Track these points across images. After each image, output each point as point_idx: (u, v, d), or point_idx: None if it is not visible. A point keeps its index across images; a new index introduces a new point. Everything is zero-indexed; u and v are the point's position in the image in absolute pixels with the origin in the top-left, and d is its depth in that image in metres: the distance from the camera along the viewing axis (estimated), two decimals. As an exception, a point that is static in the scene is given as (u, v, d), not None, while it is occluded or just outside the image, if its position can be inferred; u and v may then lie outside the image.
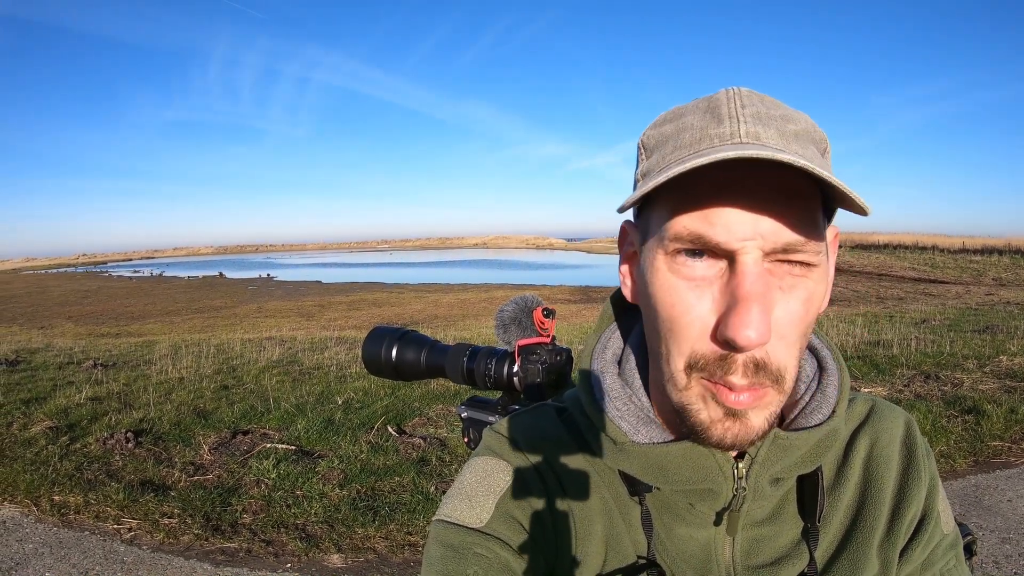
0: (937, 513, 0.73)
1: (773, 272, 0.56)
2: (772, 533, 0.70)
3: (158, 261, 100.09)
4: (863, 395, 0.80)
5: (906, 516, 0.71)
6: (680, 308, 0.58)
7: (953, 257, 33.67)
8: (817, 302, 0.59)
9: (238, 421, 5.74)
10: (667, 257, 0.58)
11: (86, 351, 10.08)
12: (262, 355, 9.06)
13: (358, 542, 3.75)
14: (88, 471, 4.69)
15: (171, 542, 3.80)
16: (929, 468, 0.74)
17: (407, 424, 5.58)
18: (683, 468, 0.65)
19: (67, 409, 6.10)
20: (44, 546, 3.79)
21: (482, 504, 0.70)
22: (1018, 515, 3.84)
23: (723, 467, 0.65)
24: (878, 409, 0.77)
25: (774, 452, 0.64)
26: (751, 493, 0.66)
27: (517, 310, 1.16)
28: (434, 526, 0.72)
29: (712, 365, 0.57)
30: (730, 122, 0.57)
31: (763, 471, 0.65)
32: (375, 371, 1.25)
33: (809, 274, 0.57)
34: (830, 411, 0.67)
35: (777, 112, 0.59)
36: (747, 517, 0.69)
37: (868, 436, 0.75)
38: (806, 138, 0.59)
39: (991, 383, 6.15)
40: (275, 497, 4.25)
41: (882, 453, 0.74)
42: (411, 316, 20.23)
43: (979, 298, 16.75)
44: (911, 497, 0.72)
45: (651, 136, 0.64)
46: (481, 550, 0.67)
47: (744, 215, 0.54)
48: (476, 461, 0.75)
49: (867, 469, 0.73)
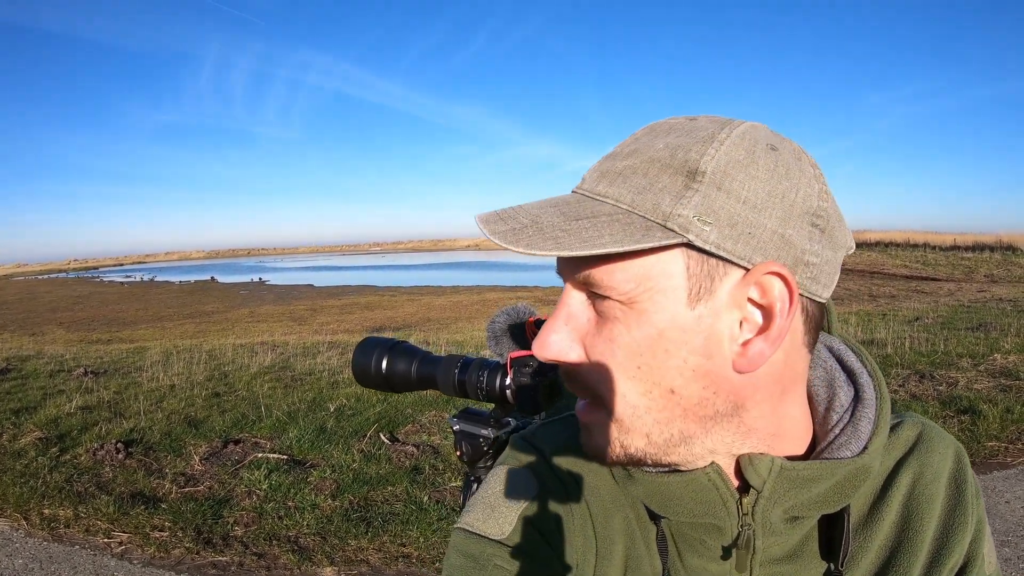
0: (982, 557, 0.67)
1: (594, 305, 0.60)
2: (791, 572, 0.65)
3: (150, 266, 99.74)
4: (912, 417, 0.72)
5: (947, 564, 0.65)
6: None
7: (945, 254, 33.79)
8: (626, 345, 0.57)
9: (229, 430, 5.69)
10: None
11: (77, 358, 10.00)
12: (254, 361, 9.01)
13: (351, 554, 3.71)
14: (78, 483, 4.64)
15: (162, 556, 3.75)
16: (978, 510, 0.68)
17: (400, 431, 5.54)
18: (685, 500, 0.61)
19: (57, 419, 6.04)
20: (34, 561, 3.73)
21: (505, 515, 0.68)
22: (1016, 516, 3.82)
23: (727, 502, 0.61)
24: (927, 437, 0.70)
25: (782, 485, 0.60)
26: (760, 529, 0.62)
27: (508, 321, 1.13)
28: (455, 534, 0.70)
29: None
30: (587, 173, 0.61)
31: (771, 506, 0.60)
32: (365, 382, 1.22)
33: (619, 314, 0.57)
34: (860, 447, 0.61)
35: (625, 149, 0.59)
36: (764, 554, 0.64)
37: (912, 469, 0.68)
38: (653, 167, 0.56)
39: (986, 382, 6.16)
40: (267, 508, 4.20)
41: (926, 490, 0.67)
42: (404, 319, 20.18)
43: (971, 295, 16.80)
44: (954, 543, 0.65)
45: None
46: (501, 562, 0.65)
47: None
48: (501, 471, 0.73)
49: (907, 507, 0.67)
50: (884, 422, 0.63)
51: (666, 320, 0.55)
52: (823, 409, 0.66)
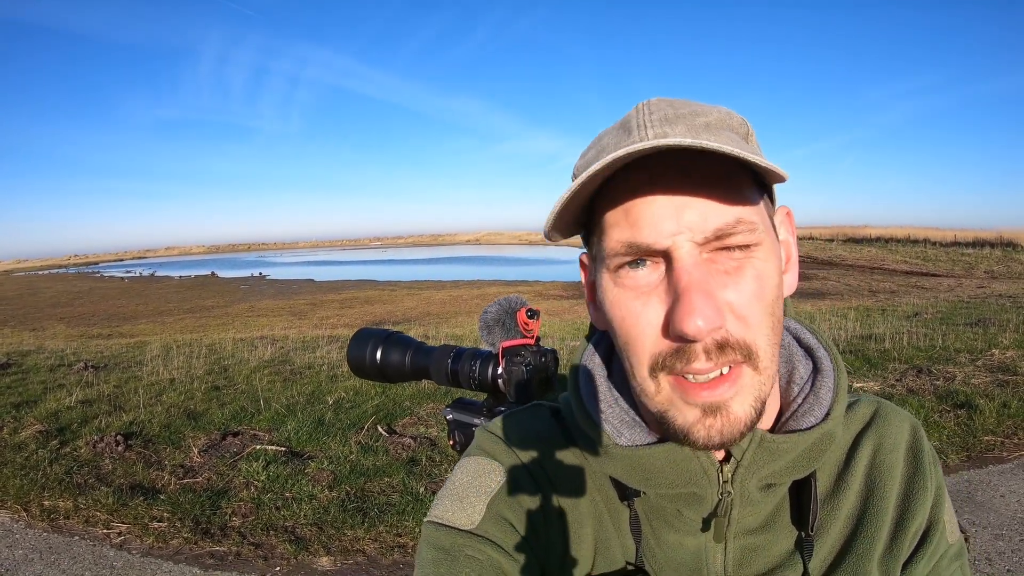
0: (943, 523, 0.71)
1: (714, 260, 0.57)
2: (765, 542, 0.68)
3: (150, 261, 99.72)
4: (868, 397, 0.77)
5: (910, 527, 0.68)
6: (631, 319, 0.58)
7: (945, 250, 33.79)
8: (771, 278, 0.59)
9: (228, 422, 5.71)
10: (611, 275, 0.60)
11: (77, 353, 10.02)
12: (253, 355, 9.03)
13: (347, 544, 3.73)
14: (78, 475, 4.66)
15: (160, 546, 3.77)
16: (936, 476, 0.72)
17: (397, 424, 5.56)
18: (666, 471, 0.63)
19: (57, 412, 6.06)
20: (34, 552, 3.75)
21: (474, 505, 0.69)
22: (1011, 511, 3.84)
23: (707, 470, 0.63)
24: (883, 412, 0.74)
25: (761, 455, 0.63)
26: (738, 498, 0.64)
27: (501, 311, 1.15)
28: (425, 527, 0.71)
29: (672, 359, 0.56)
30: (638, 130, 0.58)
31: (749, 475, 0.63)
32: (360, 373, 1.24)
33: (752, 253, 0.58)
34: (823, 414, 0.65)
35: (686, 110, 0.59)
36: (739, 525, 0.67)
37: (872, 441, 0.72)
38: (720, 126, 0.59)
39: (983, 377, 6.17)
40: (264, 499, 4.23)
41: (886, 460, 0.71)
42: (403, 313, 20.19)
43: (971, 291, 16.81)
44: (916, 507, 0.69)
45: (578, 165, 0.65)
46: (473, 552, 0.66)
47: (666, 211, 0.55)
48: (468, 461, 0.74)
49: (870, 476, 0.70)
50: (842, 391, 0.67)
51: (773, 255, 0.60)
52: (784, 382, 0.70)
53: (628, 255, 0.57)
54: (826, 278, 25.99)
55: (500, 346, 1.11)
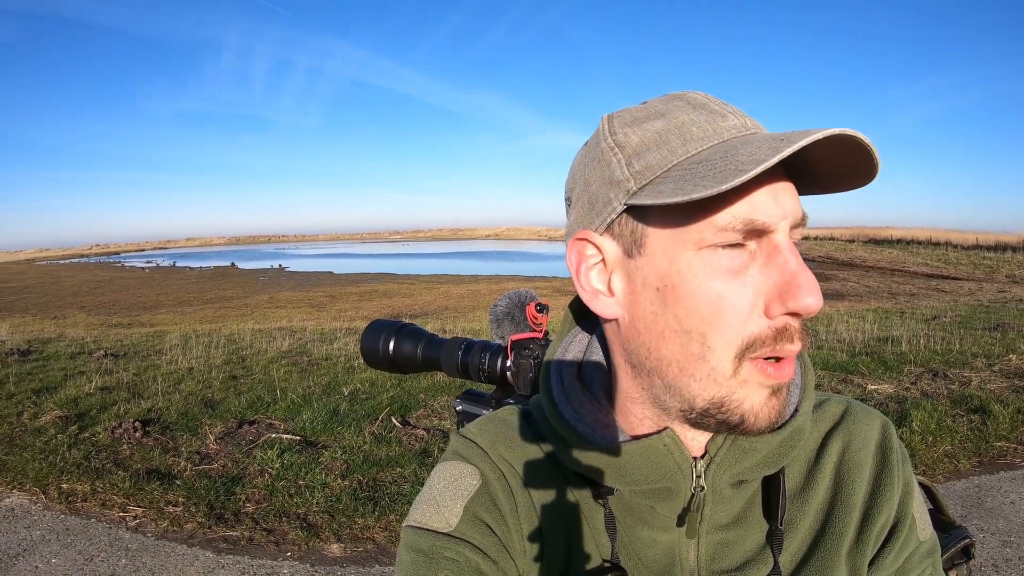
0: (912, 519, 0.71)
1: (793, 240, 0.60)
2: (737, 537, 0.70)
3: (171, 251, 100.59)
4: (837, 397, 0.78)
5: (876, 522, 0.69)
6: (728, 300, 0.57)
7: (967, 253, 33.41)
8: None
9: (245, 411, 5.78)
10: (700, 253, 0.57)
11: (97, 341, 10.15)
12: (271, 345, 9.11)
13: (358, 532, 3.78)
14: (96, 460, 4.74)
15: (175, 530, 3.84)
16: (904, 473, 0.72)
17: (411, 415, 5.61)
18: (640, 467, 0.65)
19: (77, 399, 6.17)
20: (51, 533, 3.84)
21: (450, 508, 0.70)
22: (1020, 518, 3.80)
23: (681, 465, 0.65)
24: (852, 411, 0.75)
25: (733, 452, 0.65)
26: (711, 494, 0.66)
27: (510, 305, 1.17)
28: (404, 532, 0.72)
29: (772, 340, 0.57)
30: (733, 115, 0.60)
31: (721, 471, 0.65)
32: (373, 363, 1.27)
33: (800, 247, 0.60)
34: (791, 411, 0.66)
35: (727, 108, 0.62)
36: (711, 521, 0.69)
37: (841, 439, 0.73)
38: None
39: (999, 382, 6.11)
40: (278, 487, 4.29)
41: (855, 457, 0.72)
42: (421, 307, 20.25)
43: (991, 295, 16.60)
44: (882, 503, 0.70)
45: (634, 134, 0.62)
46: (451, 554, 0.67)
47: (780, 195, 0.57)
48: (444, 466, 0.75)
49: (838, 473, 0.71)
50: (809, 388, 0.69)
51: None
52: None
53: (740, 232, 0.56)
54: (846, 279, 25.78)
55: (509, 339, 1.13)
